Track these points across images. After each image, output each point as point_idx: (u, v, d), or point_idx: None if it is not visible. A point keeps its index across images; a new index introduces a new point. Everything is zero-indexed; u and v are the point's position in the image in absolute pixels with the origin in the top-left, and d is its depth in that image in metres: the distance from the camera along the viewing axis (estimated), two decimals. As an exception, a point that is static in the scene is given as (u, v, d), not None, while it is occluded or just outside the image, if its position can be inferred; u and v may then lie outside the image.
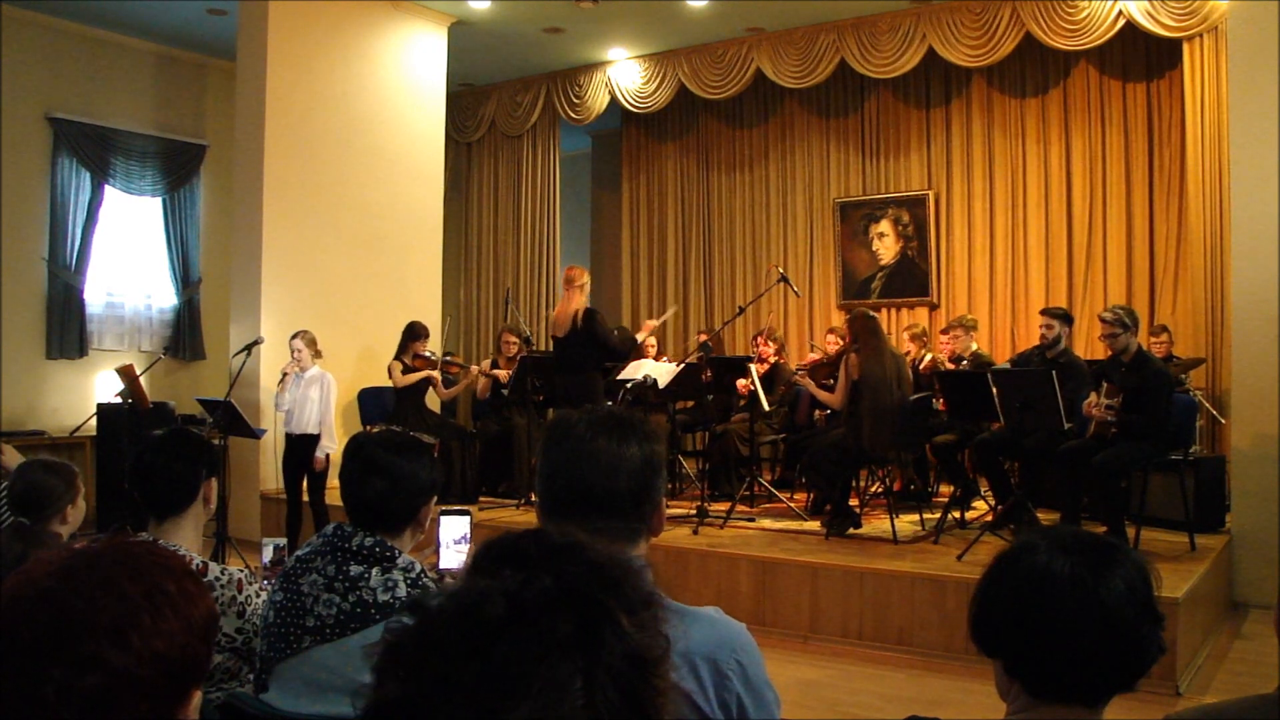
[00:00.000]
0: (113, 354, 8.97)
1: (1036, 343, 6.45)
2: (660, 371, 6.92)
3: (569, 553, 0.81)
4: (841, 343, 7.19)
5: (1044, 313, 6.35)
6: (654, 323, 7.99)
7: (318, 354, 6.72)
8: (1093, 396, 5.65)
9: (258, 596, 2.37)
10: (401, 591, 1.99)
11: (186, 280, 9.57)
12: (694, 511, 6.44)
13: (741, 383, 7.34)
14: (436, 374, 7.46)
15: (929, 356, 7.59)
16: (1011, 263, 9.13)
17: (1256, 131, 6.12)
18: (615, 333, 7.13)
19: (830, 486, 6.34)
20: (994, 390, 5.69)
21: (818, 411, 7.73)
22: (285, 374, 6.65)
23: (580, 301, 6.79)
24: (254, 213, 7.91)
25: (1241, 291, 6.26)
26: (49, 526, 2.82)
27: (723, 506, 6.67)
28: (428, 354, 7.45)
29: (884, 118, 9.74)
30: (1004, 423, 5.83)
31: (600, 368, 6.86)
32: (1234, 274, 6.40)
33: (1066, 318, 6.25)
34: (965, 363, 7.14)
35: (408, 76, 9.03)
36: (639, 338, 7.56)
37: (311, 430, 6.56)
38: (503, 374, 7.84)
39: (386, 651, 0.76)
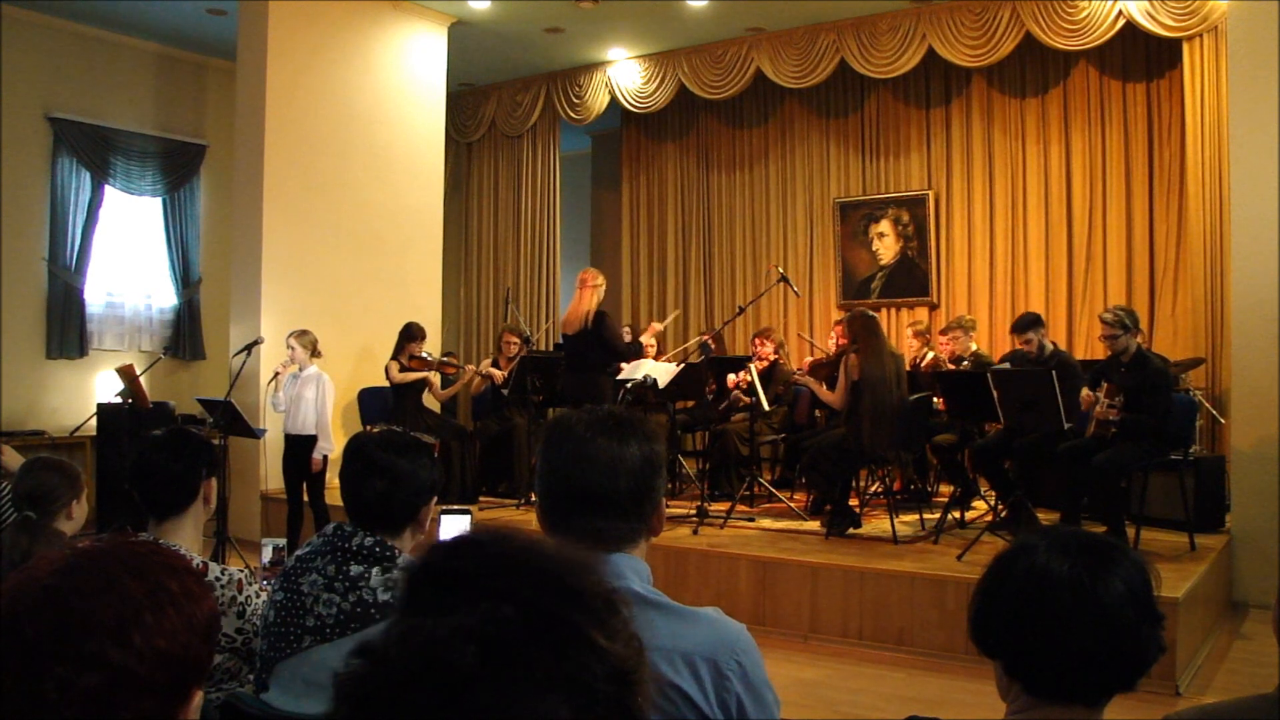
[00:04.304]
0: (113, 354, 8.97)
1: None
2: (660, 371, 6.92)
3: (515, 567, 0.73)
4: (841, 342, 7.19)
5: (1016, 331, 6.23)
6: (658, 326, 8.06)
7: (316, 354, 6.72)
8: (1085, 391, 5.64)
9: (258, 596, 2.38)
10: (402, 591, 1.99)
11: (186, 280, 9.57)
12: (694, 511, 6.44)
13: (732, 378, 7.34)
14: (433, 376, 7.46)
15: (930, 354, 7.58)
16: (1011, 263, 9.12)
17: (1256, 131, 6.11)
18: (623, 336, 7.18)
19: (830, 486, 6.34)
20: (993, 390, 5.69)
21: (818, 411, 7.73)
22: (277, 373, 6.69)
23: (593, 302, 6.93)
24: (254, 213, 7.91)
25: (1241, 291, 6.26)
26: (54, 524, 2.83)
27: (723, 506, 6.67)
28: (424, 355, 7.46)
29: (884, 118, 9.73)
30: (1004, 423, 5.83)
31: (606, 369, 6.90)
32: (1234, 274, 6.39)
33: (1038, 323, 6.19)
34: (966, 363, 7.13)
35: (408, 76, 9.02)
36: (643, 340, 7.61)
37: (308, 431, 6.55)
38: (498, 375, 7.84)
39: (347, 708, 0.69)
